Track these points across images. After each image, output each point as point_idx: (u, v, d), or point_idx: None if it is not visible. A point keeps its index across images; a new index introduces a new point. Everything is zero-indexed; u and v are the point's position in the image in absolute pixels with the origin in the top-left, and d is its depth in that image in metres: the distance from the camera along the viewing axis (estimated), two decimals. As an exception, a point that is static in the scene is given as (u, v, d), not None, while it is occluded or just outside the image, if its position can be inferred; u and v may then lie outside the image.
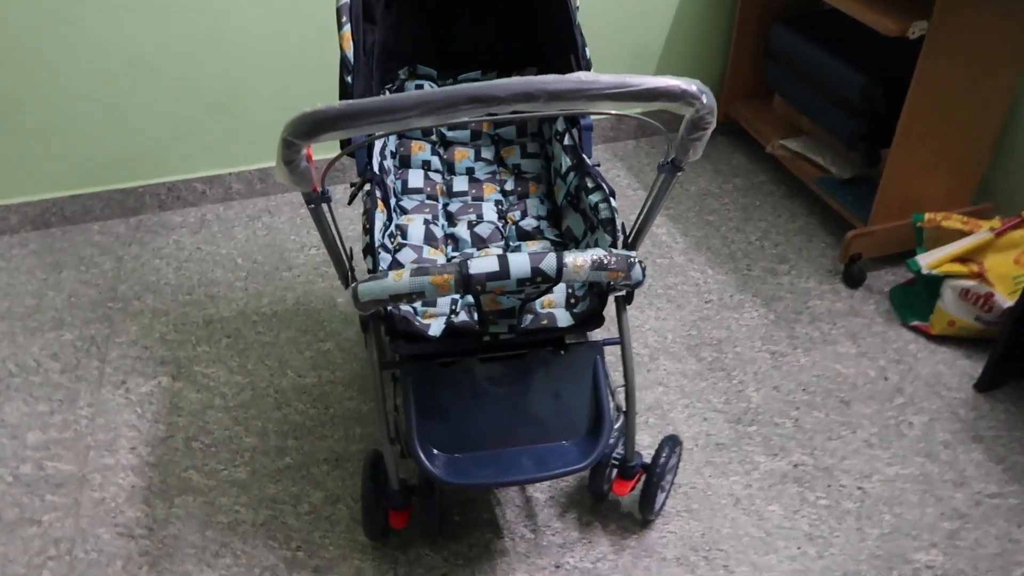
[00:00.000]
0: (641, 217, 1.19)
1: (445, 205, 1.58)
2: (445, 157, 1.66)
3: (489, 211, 1.54)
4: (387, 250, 1.40)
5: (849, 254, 1.98)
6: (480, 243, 1.47)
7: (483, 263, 1.06)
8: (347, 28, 1.35)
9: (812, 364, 1.79)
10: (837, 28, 2.12)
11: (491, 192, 1.59)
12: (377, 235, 1.24)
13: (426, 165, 1.63)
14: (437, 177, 1.63)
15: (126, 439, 1.63)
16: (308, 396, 1.73)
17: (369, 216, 1.27)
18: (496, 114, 0.86)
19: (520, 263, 1.06)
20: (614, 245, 1.24)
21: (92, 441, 1.63)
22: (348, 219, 2.20)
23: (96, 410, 1.70)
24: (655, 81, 0.85)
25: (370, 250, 1.21)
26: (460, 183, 1.61)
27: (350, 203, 1.38)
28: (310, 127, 0.86)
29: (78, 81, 2.04)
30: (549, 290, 1.28)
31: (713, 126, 0.92)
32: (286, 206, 2.33)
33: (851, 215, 2.05)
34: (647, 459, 1.41)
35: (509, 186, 1.61)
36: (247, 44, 2.10)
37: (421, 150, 1.64)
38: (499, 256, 1.06)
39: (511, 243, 1.48)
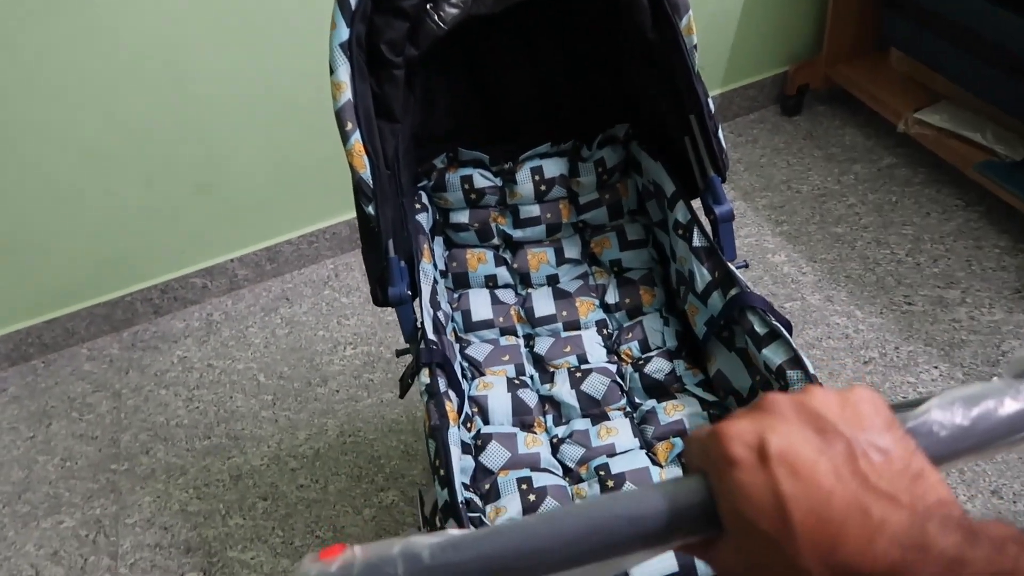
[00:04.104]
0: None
1: (528, 340, 1.12)
2: (515, 266, 1.17)
3: (593, 347, 1.07)
4: (467, 448, 0.96)
5: (1049, 273, 1.49)
6: (593, 407, 1.02)
7: None
8: (355, 139, 0.89)
9: (1034, 446, 1.33)
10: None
11: (588, 311, 1.12)
12: (459, 484, 0.79)
13: (491, 281, 1.16)
14: (508, 296, 1.16)
15: None
16: (379, 583, 1.33)
17: (441, 443, 0.81)
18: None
19: None
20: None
21: None
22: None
23: (116, 638, 1.33)
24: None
25: (452, 511, 0.77)
26: (542, 301, 1.13)
27: (402, 396, 0.95)
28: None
29: (32, 183, 1.60)
30: None
31: None
32: (306, 287, 1.90)
33: (1039, 214, 1.55)
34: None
35: (611, 297, 1.12)
36: (223, 101, 1.63)
37: (481, 262, 1.16)
38: None
39: (636, 400, 1.02)
